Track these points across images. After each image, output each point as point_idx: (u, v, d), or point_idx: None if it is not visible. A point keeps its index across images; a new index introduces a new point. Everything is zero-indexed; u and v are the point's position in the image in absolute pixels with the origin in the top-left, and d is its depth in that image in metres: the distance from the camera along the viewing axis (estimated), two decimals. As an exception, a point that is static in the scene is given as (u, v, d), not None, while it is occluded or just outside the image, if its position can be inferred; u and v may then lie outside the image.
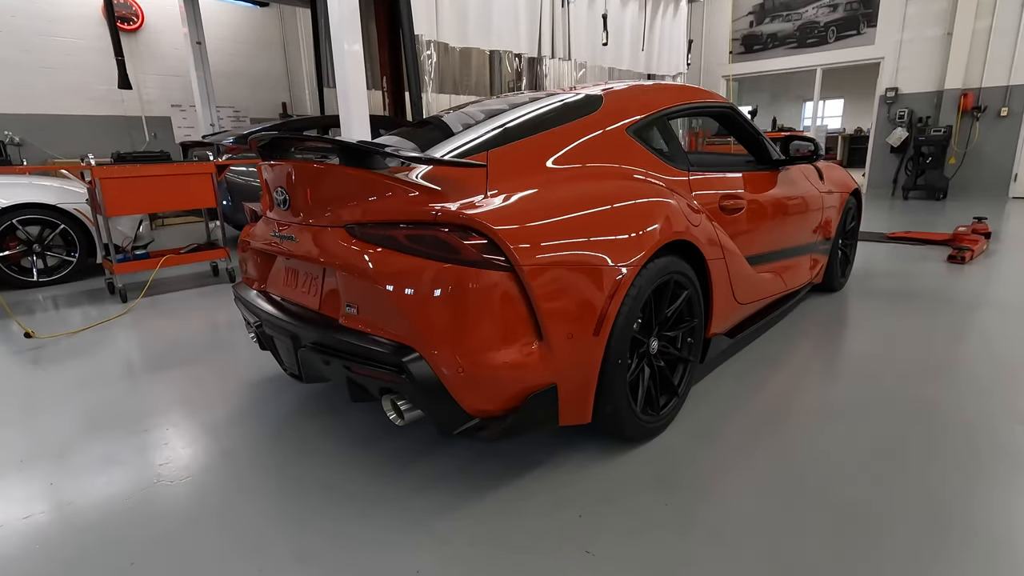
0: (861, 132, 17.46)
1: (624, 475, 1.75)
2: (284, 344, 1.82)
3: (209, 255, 4.36)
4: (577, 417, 1.70)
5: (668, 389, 2.01)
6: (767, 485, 1.68)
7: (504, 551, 1.44)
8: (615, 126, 2.04)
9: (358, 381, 1.65)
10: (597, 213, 1.70)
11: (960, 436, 1.93)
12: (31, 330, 3.07)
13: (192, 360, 2.80)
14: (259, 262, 2.09)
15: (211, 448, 1.98)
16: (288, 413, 2.21)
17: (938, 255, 4.77)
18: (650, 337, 1.89)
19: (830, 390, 2.30)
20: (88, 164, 3.71)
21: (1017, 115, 8.32)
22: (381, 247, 1.55)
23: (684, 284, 1.96)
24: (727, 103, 2.64)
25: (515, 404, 1.56)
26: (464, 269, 1.46)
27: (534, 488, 1.70)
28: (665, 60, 8.60)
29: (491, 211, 1.53)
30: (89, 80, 8.15)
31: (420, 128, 2.48)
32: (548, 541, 1.48)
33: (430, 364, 1.48)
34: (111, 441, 2.03)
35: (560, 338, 1.56)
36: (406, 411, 1.58)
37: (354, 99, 4.79)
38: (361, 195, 1.65)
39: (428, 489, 1.72)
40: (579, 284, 1.59)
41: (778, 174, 2.81)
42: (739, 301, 2.38)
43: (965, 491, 1.63)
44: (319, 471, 1.83)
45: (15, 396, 2.42)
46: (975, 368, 2.47)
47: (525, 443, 1.93)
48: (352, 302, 1.61)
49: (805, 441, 1.92)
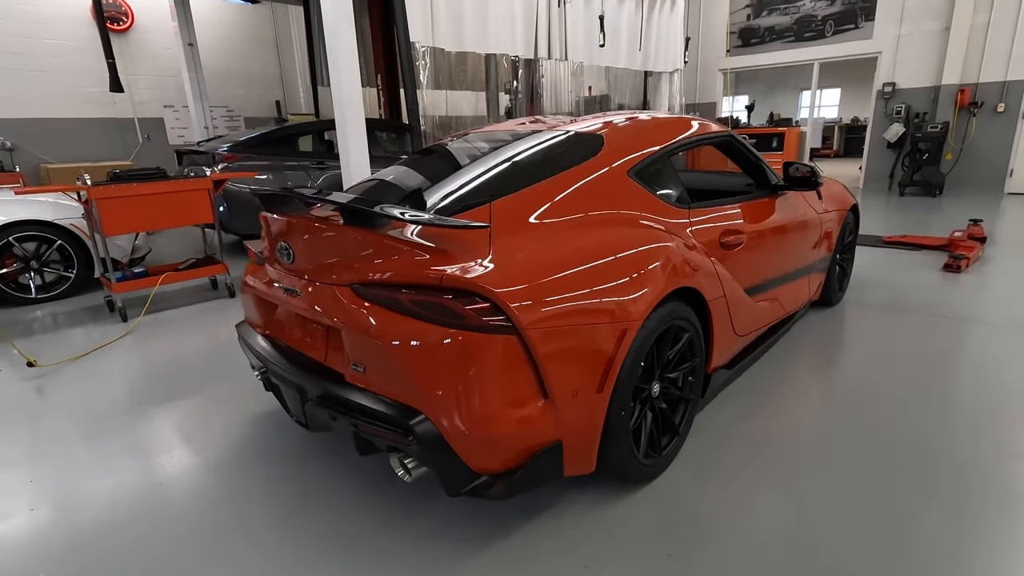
0: (858, 122, 17.44)
1: (627, 522, 1.78)
2: (291, 394, 1.84)
3: (208, 271, 4.35)
4: (581, 468, 1.73)
5: (669, 428, 2.04)
6: (765, 535, 1.72)
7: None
8: (617, 169, 2.04)
9: (365, 437, 1.67)
10: (601, 267, 1.71)
11: (956, 475, 1.97)
12: (34, 359, 3.07)
13: (195, 390, 2.81)
14: (263, 307, 2.09)
15: (216, 488, 2.00)
16: (294, 452, 2.24)
17: (934, 261, 4.81)
18: (651, 382, 1.91)
19: (826, 424, 2.33)
20: (84, 184, 3.69)
21: (1014, 111, 8.31)
22: (387, 309, 1.56)
23: (686, 328, 1.98)
24: (726, 132, 2.65)
25: (521, 461, 1.59)
26: (469, 335, 1.47)
27: (539, 536, 1.74)
28: (662, 57, 8.54)
29: (494, 274, 1.54)
30: (80, 82, 8.06)
31: (420, 162, 2.47)
32: (555, 597, 1.52)
33: (437, 427, 1.50)
34: (115, 482, 2.06)
35: (565, 396, 1.59)
36: (413, 468, 1.61)
37: (348, 98, 4.77)
38: (365, 254, 1.66)
39: (436, 537, 1.75)
40: (583, 342, 1.60)
41: (777, 199, 2.82)
42: (738, 334, 2.41)
43: (964, 534, 1.67)
44: (326, 515, 1.85)
45: (19, 430, 2.44)
46: (970, 397, 2.51)
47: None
48: (359, 361, 1.63)
49: (803, 484, 1.96)
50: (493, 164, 2.11)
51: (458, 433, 1.49)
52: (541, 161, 2.04)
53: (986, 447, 2.12)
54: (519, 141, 2.27)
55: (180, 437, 2.38)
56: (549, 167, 1.98)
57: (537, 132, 2.33)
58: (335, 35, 4.64)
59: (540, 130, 2.35)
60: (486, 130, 2.63)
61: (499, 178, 1.97)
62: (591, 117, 2.52)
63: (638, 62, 8.13)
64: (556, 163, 2.01)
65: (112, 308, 4.17)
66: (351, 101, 4.90)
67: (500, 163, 2.09)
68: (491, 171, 2.05)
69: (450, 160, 2.32)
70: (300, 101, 10.40)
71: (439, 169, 2.25)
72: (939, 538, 1.67)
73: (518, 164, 2.05)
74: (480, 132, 2.61)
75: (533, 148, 2.16)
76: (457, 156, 2.34)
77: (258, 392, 2.76)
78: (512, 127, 2.57)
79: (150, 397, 2.75)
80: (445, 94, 8.48)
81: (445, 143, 2.60)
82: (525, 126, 2.53)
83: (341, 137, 5.00)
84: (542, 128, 2.39)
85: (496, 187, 1.91)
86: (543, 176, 1.93)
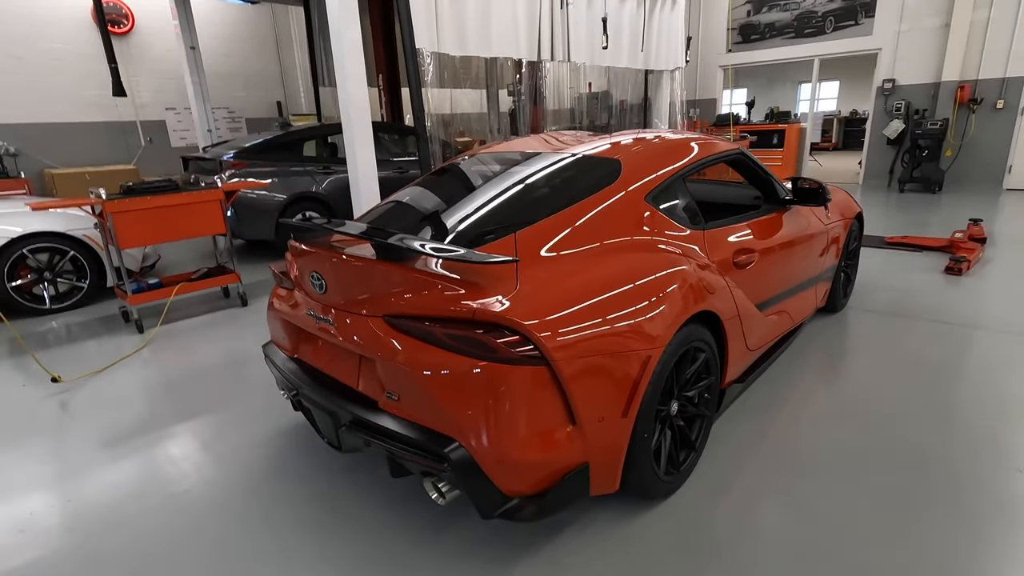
0: (856, 114, 17.46)
1: (649, 540, 1.86)
2: (323, 418, 1.91)
3: (221, 280, 4.41)
4: (606, 488, 1.80)
5: (686, 444, 2.12)
6: (779, 550, 1.80)
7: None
8: (635, 195, 2.10)
9: (398, 461, 1.74)
10: (624, 295, 1.77)
11: (962, 486, 2.05)
12: (57, 375, 3.14)
13: (218, 405, 2.88)
14: (292, 331, 2.15)
15: (247, 506, 2.07)
16: (320, 469, 2.31)
17: (935, 263, 4.88)
18: (670, 401, 1.98)
19: (834, 436, 2.41)
20: (100, 199, 3.73)
21: (1013, 107, 8.37)
22: (421, 341, 1.63)
23: (703, 348, 2.05)
24: (737, 149, 2.70)
25: (550, 484, 1.66)
26: (501, 367, 1.54)
27: (564, 552, 1.81)
28: (663, 56, 8.55)
29: (523, 306, 1.60)
30: (81, 86, 8.05)
31: (437, 185, 2.52)
32: (584, 614, 1.59)
33: (470, 453, 1.57)
34: (147, 501, 2.13)
35: (592, 422, 1.66)
36: (447, 492, 1.68)
37: (355, 102, 4.81)
38: (398, 287, 1.72)
39: (467, 555, 1.82)
40: (609, 370, 1.67)
41: (785, 213, 2.87)
42: (750, 348, 2.48)
43: (971, 546, 1.75)
44: (357, 531, 1.93)
45: (52, 450, 2.50)
46: (973, 408, 2.59)
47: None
48: (393, 391, 1.69)
49: (814, 499, 2.04)
50: (512, 190, 2.16)
51: (491, 460, 1.56)
52: (561, 188, 2.09)
53: (990, 458, 2.20)
54: (535, 164, 2.32)
55: (208, 455, 2.44)
56: (569, 195, 2.04)
57: (551, 155, 2.38)
58: (341, 39, 4.67)
59: (554, 153, 2.40)
60: (499, 150, 2.68)
61: (521, 206, 2.03)
62: (602, 138, 2.57)
63: (640, 62, 8.14)
64: (576, 190, 2.06)
65: (127, 319, 4.23)
66: (357, 105, 4.94)
67: (520, 190, 2.15)
68: (511, 198, 2.10)
69: (467, 184, 2.38)
70: (301, 101, 10.39)
71: (457, 194, 2.31)
72: (956, 554, 1.75)
73: (538, 191, 2.10)
74: (494, 152, 2.66)
75: (551, 174, 2.21)
76: (473, 180, 2.39)
77: (280, 408, 2.82)
78: (525, 146, 2.62)
79: (175, 413, 2.82)
80: (449, 92, 8.48)
81: (460, 164, 2.65)
82: (538, 146, 2.58)
83: (348, 141, 5.04)
84: (556, 150, 2.44)
85: (518, 215, 1.97)
86: (564, 204, 1.99)
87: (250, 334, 3.88)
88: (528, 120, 7.52)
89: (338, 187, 6.25)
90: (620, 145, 2.39)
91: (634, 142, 2.43)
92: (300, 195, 6.02)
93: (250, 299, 4.64)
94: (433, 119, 5.63)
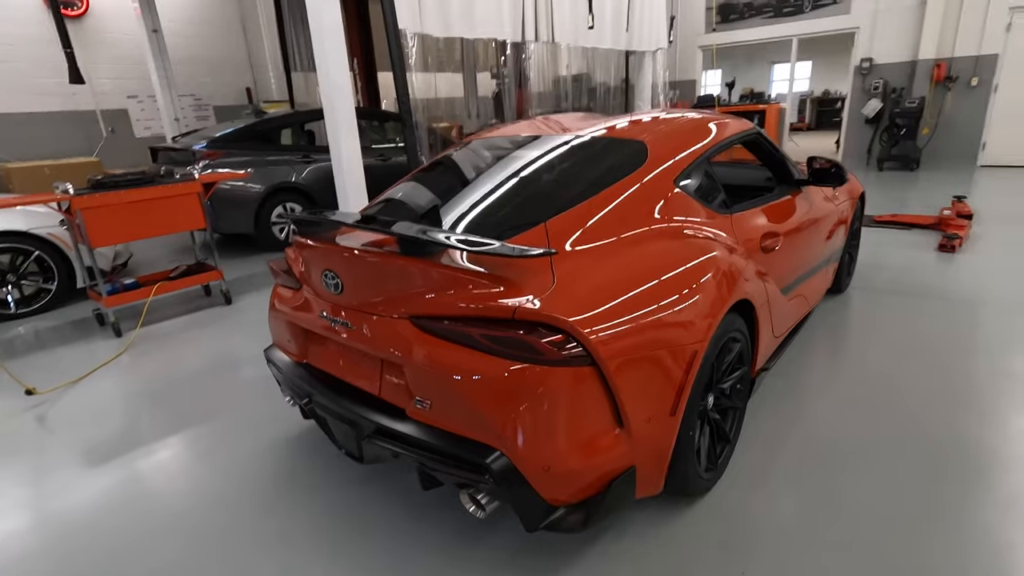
0: (829, 95, 17.68)
1: (692, 540, 1.77)
2: (342, 428, 1.76)
3: (203, 278, 4.16)
4: (650, 491, 1.70)
5: (722, 438, 2.03)
6: (820, 543, 1.73)
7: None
8: (664, 179, 1.98)
9: (430, 473, 1.61)
10: (666, 286, 1.66)
11: (987, 465, 2.02)
12: (32, 387, 2.89)
13: (212, 413, 2.69)
14: (299, 334, 1.99)
15: (259, 524, 1.92)
16: (336, 479, 2.16)
17: (927, 241, 4.91)
18: (707, 395, 1.89)
19: (858, 422, 2.36)
20: (67, 194, 3.45)
21: (986, 85, 8.50)
22: (455, 343, 1.49)
23: (738, 338, 1.96)
24: (754, 129, 2.60)
25: (597, 490, 1.55)
26: (546, 369, 1.41)
27: (605, 562, 1.71)
28: (646, 36, 8.43)
29: (565, 302, 1.47)
30: (34, 73, 7.54)
31: (449, 172, 2.36)
32: (639, 627, 1.50)
33: (514, 463, 1.45)
34: (147, 525, 1.95)
35: (640, 423, 1.55)
36: (486, 504, 1.56)
37: (337, 86, 4.62)
38: (425, 285, 1.57)
39: (503, 568, 1.70)
40: (657, 366, 1.56)
41: (799, 195, 2.80)
42: (776, 335, 2.40)
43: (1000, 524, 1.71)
44: (384, 544, 1.79)
45: (26, 470, 2.29)
46: (988, 382, 2.57)
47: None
48: (424, 397, 1.55)
49: (851, 488, 1.98)
50: (535, 177, 2.02)
51: (537, 468, 1.44)
52: (587, 173, 1.96)
53: (1009, 435, 2.18)
54: (554, 149, 2.18)
55: (208, 468, 2.27)
56: (597, 180, 1.91)
57: (570, 138, 2.24)
58: (319, 22, 4.44)
59: (573, 135, 2.26)
60: (510, 133, 2.52)
61: (547, 193, 1.89)
62: (617, 118, 2.44)
63: (623, 42, 8.00)
64: (603, 175, 1.93)
65: (102, 322, 3.96)
66: (340, 92, 4.71)
67: (543, 176, 2.01)
68: (536, 185, 1.96)
69: (482, 170, 2.22)
70: (272, 87, 9.96)
71: (472, 181, 2.15)
72: (997, 541, 1.71)
73: (563, 177, 1.97)
74: (506, 136, 2.50)
75: (574, 158, 2.08)
76: (488, 165, 2.24)
77: (284, 413, 2.65)
78: (538, 129, 2.48)
79: (166, 423, 2.62)
80: (434, 76, 8.28)
81: (471, 148, 2.49)
82: (552, 129, 2.43)
83: (331, 130, 4.81)
84: (574, 132, 2.30)
85: (545, 203, 1.83)
86: (593, 190, 1.85)
87: (238, 335, 3.67)
88: (514, 103, 7.32)
89: (319, 177, 5.99)
90: (642, 125, 2.26)
91: (654, 121, 2.31)
92: (279, 186, 5.76)
93: (234, 297, 4.40)
94: (417, 104, 5.40)
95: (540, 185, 1.95)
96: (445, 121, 9.69)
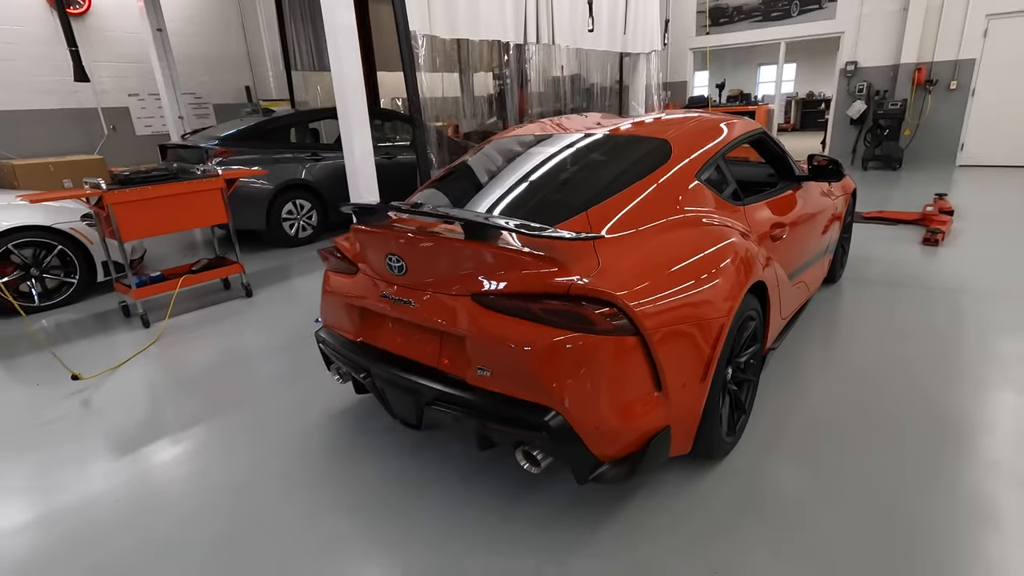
0: (813, 96, 18.13)
1: (716, 499, 1.97)
2: (403, 398, 1.94)
3: (225, 271, 4.30)
4: (682, 449, 1.91)
5: (739, 407, 2.25)
6: (832, 499, 1.95)
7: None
8: (686, 173, 2.19)
9: (488, 435, 1.80)
10: (696, 267, 1.87)
11: (974, 432, 2.26)
12: (78, 372, 3.02)
13: (255, 394, 2.84)
14: (355, 314, 2.16)
15: (319, 494, 2.09)
16: (386, 449, 2.33)
17: (912, 236, 5.20)
18: (727, 367, 2.10)
19: (856, 396, 2.59)
20: (99, 189, 3.57)
21: (965, 88, 8.89)
22: (515, 316, 1.68)
23: (753, 317, 2.17)
24: (760, 128, 2.83)
25: (638, 447, 1.75)
26: (598, 338, 1.61)
27: (643, 516, 1.91)
28: (641, 39, 8.67)
29: (612, 280, 1.67)
30: (36, 71, 7.56)
31: (492, 163, 2.54)
32: (673, 567, 1.70)
33: (569, 422, 1.64)
34: (212, 496, 2.11)
35: (677, 386, 1.75)
36: (541, 459, 1.75)
37: (351, 82, 4.76)
38: (485, 266, 1.76)
39: (551, 522, 1.89)
40: (692, 337, 1.77)
41: (800, 189, 3.03)
42: (782, 317, 2.63)
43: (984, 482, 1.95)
44: (439, 504, 1.97)
45: (85, 448, 2.44)
46: (974, 361, 2.83)
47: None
48: (485, 365, 1.74)
49: (852, 452, 2.21)
50: (572, 170, 2.22)
51: (588, 426, 1.64)
52: (619, 167, 2.16)
53: (993, 407, 2.43)
54: (587, 146, 2.38)
55: (259, 444, 2.43)
56: (629, 173, 2.11)
57: (600, 137, 2.44)
58: (334, 23, 4.58)
59: (602, 134, 2.47)
60: (536, 132, 2.72)
61: (585, 186, 2.09)
62: (638, 119, 2.64)
63: (620, 45, 8.24)
64: (634, 169, 2.14)
65: (128, 314, 4.08)
66: (354, 92, 4.86)
67: (580, 170, 2.21)
68: (574, 178, 2.16)
69: (518, 165, 2.41)
70: (271, 86, 10.04)
71: (513, 176, 2.34)
72: (966, 485, 1.94)
73: (599, 171, 2.16)
74: (532, 134, 2.69)
75: (607, 154, 2.28)
76: (522, 161, 2.43)
77: (329, 391, 2.81)
78: (567, 128, 2.67)
79: (211, 404, 2.77)
80: (441, 77, 8.44)
81: (503, 145, 2.68)
82: (579, 127, 2.63)
83: (345, 129, 4.95)
84: (601, 130, 2.51)
85: (584, 194, 2.03)
86: (626, 183, 2.06)
87: (266, 324, 3.82)
88: (515, 103, 7.52)
89: (326, 174, 6.14)
90: (664, 124, 2.47)
91: (675, 121, 2.52)
92: (289, 183, 5.89)
93: (254, 290, 4.53)
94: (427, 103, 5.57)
95: (578, 178, 2.15)
96: (441, 120, 9.85)
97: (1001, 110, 8.73)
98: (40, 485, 2.21)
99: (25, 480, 2.25)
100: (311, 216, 6.13)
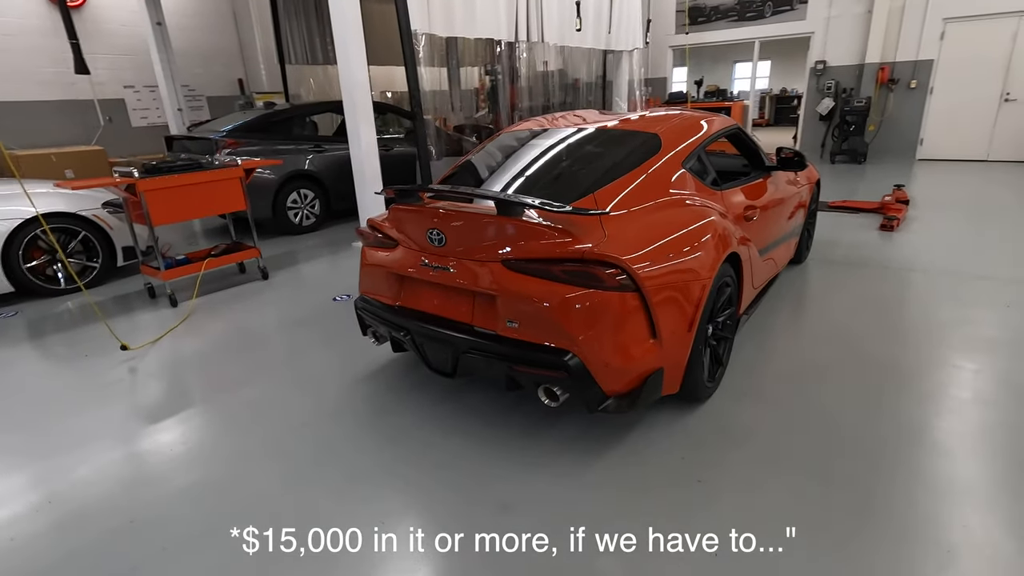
0: (786, 93, 18.78)
1: (700, 430, 2.40)
2: (440, 350, 2.32)
3: (243, 255, 4.59)
4: (671, 389, 2.32)
5: (717, 360, 2.68)
6: (792, 428, 2.40)
7: (640, 490, 2.07)
8: (674, 162, 2.60)
9: (515, 376, 2.19)
10: (684, 238, 2.28)
11: (913, 378, 2.73)
12: (127, 343, 3.32)
13: (292, 360, 3.19)
14: (395, 282, 2.52)
15: (371, 436, 2.46)
16: (415, 403, 2.70)
17: (871, 222, 5.73)
18: (708, 324, 2.52)
19: (817, 353, 3.06)
20: (132, 177, 3.85)
21: (923, 87, 9.51)
22: (540, 278, 2.07)
23: (728, 283, 2.60)
24: (735, 124, 3.26)
25: (637, 384, 2.16)
26: (609, 294, 2.01)
27: (641, 444, 2.33)
28: (624, 37, 9.10)
29: (617, 247, 2.07)
30: (34, 63, 7.66)
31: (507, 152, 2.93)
32: (668, 478, 2.12)
33: (583, 362, 2.04)
34: (276, 437, 2.47)
35: (668, 335, 2.16)
36: (560, 395, 2.15)
37: (357, 80, 5.05)
38: (513, 237, 2.14)
39: (564, 449, 2.30)
40: (681, 294, 2.18)
41: (770, 178, 3.47)
42: (754, 286, 3.07)
43: (918, 410, 2.42)
44: (468, 440, 2.36)
45: (154, 402, 2.76)
46: (918, 326, 3.31)
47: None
48: (513, 319, 2.13)
49: (810, 396, 2.66)
50: (580, 158, 2.64)
51: (599, 365, 2.04)
52: (618, 156, 2.57)
53: (930, 359, 2.91)
54: (589, 137, 2.79)
55: (309, 395, 2.79)
56: (627, 161, 2.52)
57: (600, 130, 2.85)
58: (343, 20, 4.87)
59: (601, 128, 2.87)
60: (544, 126, 3.11)
61: (590, 171, 2.49)
62: (629, 116, 3.05)
63: (605, 42, 8.64)
64: (631, 159, 2.54)
65: (153, 295, 4.36)
66: (360, 87, 5.17)
67: (586, 158, 2.61)
68: (580, 165, 2.56)
69: (530, 154, 2.80)
70: (263, 79, 10.20)
71: (528, 162, 2.73)
72: (902, 414, 2.41)
73: (601, 159, 2.57)
74: (540, 127, 3.08)
75: (608, 144, 2.69)
76: (533, 150, 2.82)
77: (362, 352, 3.14)
78: (568, 123, 3.07)
79: (256, 369, 3.11)
80: (439, 71, 8.76)
81: (512, 136, 3.06)
82: (580, 123, 3.03)
83: (351, 122, 5.27)
84: (598, 125, 2.91)
85: (589, 178, 2.43)
86: (625, 169, 2.46)
87: (286, 302, 4.14)
88: (507, 98, 7.88)
89: (328, 165, 6.41)
90: (654, 120, 2.88)
91: (663, 117, 2.93)
92: (293, 173, 6.16)
93: (269, 273, 4.84)
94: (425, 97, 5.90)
95: (585, 165, 2.55)
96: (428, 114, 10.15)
97: (956, 108, 9.37)
98: (122, 434, 2.53)
99: (110, 429, 2.57)
100: (314, 205, 6.41)
